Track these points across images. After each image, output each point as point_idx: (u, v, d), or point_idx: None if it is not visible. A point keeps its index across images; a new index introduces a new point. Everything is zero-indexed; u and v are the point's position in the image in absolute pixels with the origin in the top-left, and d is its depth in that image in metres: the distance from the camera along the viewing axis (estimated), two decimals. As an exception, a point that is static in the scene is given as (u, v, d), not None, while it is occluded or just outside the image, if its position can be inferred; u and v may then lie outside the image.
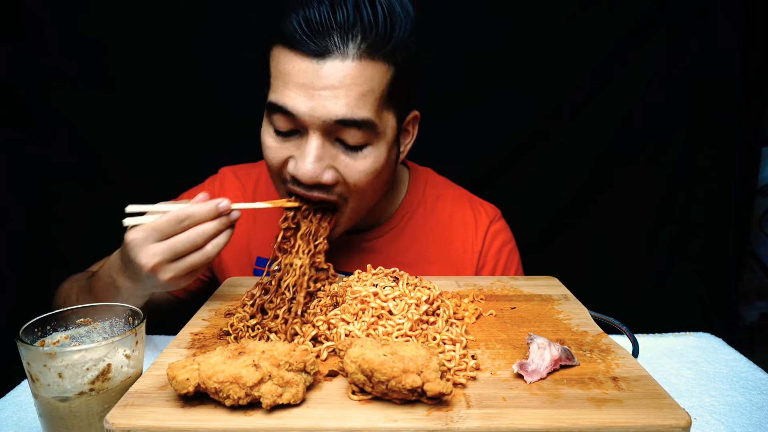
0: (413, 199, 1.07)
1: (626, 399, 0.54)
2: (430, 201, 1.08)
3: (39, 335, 0.62)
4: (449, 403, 0.54)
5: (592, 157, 1.52)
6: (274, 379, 0.53)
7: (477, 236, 1.06)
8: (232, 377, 0.51)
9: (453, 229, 1.07)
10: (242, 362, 0.53)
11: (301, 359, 0.55)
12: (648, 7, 1.40)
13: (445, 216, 1.08)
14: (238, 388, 0.52)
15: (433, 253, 1.05)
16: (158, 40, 1.35)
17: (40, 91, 1.34)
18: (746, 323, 2.44)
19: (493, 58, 1.38)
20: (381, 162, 0.85)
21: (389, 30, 0.79)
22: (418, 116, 0.96)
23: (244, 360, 0.54)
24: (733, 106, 1.50)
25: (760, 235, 2.30)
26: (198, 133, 1.41)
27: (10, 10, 1.28)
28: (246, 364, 0.53)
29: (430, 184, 1.10)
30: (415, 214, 1.07)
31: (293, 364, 0.54)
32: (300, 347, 0.57)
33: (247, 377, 0.52)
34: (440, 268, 1.05)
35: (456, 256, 1.06)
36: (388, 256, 1.04)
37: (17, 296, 1.34)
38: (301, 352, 0.56)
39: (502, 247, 1.09)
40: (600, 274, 1.59)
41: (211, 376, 0.52)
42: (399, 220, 1.05)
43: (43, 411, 0.58)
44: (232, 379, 0.51)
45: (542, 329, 0.72)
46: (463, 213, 1.08)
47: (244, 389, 0.52)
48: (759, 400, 0.79)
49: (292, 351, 0.55)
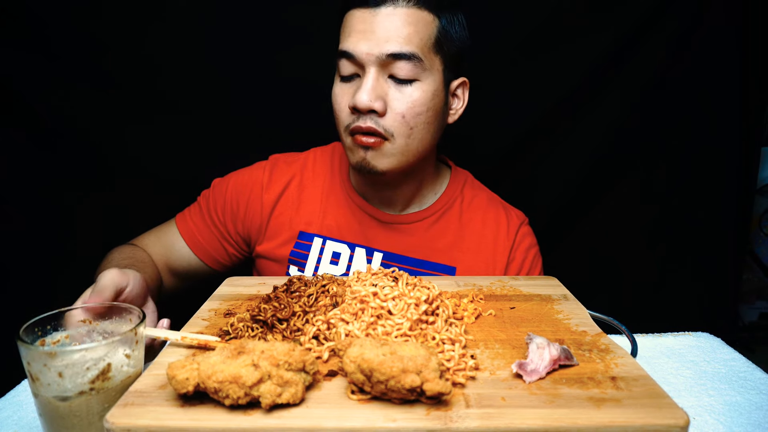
0: (452, 193, 1.15)
1: (625, 399, 0.54)
2: (467, 197, 1.17)
3: (39, 335, 0.63)
4: (448, 403, 0.54)
5: (591, 157, 1.52)
6: (274, 378, 0.53)
7: (509, 234, 1.14)
8: (231, 377, 0.52)
9: (487, 224, 1.14)
10: (241, 362, 0.53)
11: (301, 359, 0.55)
12: (648, 7, 1.40)
13: (479, 212, 1.15)
14: (237, 387, 0.52)
15: (466, 243, 1.13)
16: (162, 41, 1.35)
17: (43, 91, 1.34)
18: (746, 323, 2.45)
19: (492, 58, 1.38)
20: (427, 98, 0.97)
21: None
22: (467, 83, 1.07)
23: (244, 360, 0.54)
24: (733, 106, 1.50)
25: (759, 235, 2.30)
26: (202, 133, 1.41)
27: (12, 11, 1.28)
28: (245, 364, 0.53)
29: (468, 183, 1.19)
30: (453, 206, 1.15)
31: (293, 364, 0.54)
32: (299, 348, 0.57)
33: (246, 377, 0.52)
34: (471, 258, 1.11)
35: (488, 249, 1.13)
36: (423, 240, 1.11)
37: (17, 296, 1.34)
38: (300, 352, 0.56)
39: (530, 248, 1.16)
40: (599, 274, 1.59)
41: (211, 376, 0.52)
42: (437, 209, 1.13)
43: (43, 410, 0.58)
44: (231, 379, 0.52)
45: (541, 329, 0.72)
46: (496, 212, 1.16)
47: (243, 389, 0.52)
48: (758, 400, 0.79)
49: (291, 351, 0.56)
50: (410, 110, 0.96)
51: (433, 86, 0.97)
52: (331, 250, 1.10)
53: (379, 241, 1.11)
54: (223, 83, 1.39)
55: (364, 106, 0.93)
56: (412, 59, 0.93)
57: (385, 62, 0.93)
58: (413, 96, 0.95)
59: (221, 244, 1.16)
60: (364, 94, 0.93)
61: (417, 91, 0.96)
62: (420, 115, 0.97)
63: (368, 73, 0.94)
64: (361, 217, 1.12)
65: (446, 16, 0.98)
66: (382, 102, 0.94)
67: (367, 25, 0.93)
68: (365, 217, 1.11)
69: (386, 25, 0.92)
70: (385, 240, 1.11)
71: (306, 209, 1.13)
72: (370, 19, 0.93)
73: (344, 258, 1.10)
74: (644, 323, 1.05)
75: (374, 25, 0.93)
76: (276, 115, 1.42)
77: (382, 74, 0.95)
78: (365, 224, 1.11)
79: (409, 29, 0.93)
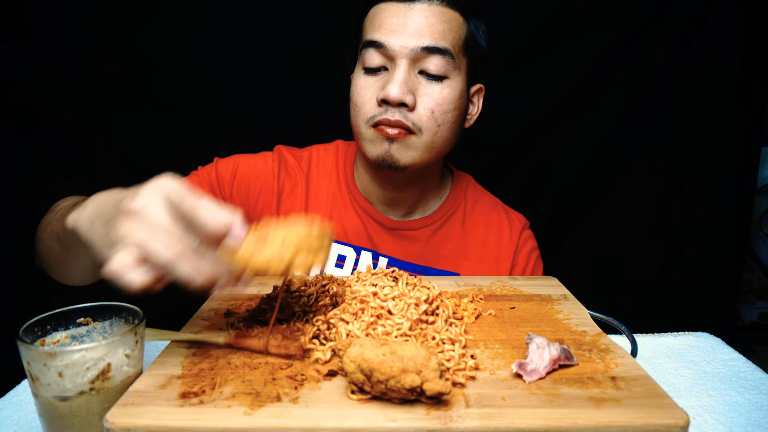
0: (455, 199, 1.15)
1: (625, 398, 0.54)
2: (470, 203, 1.16)
3: (39, 335, 0.63)
4: (448, 403, 0.54)
5: (591, 157, 1.53)
6: (303, 251, 0.60)
7: (512, 237, 1.14)
8: (272, 257, 0.58)
9: (489, 229, 1.14)
10: (275, 244, 0.59)
11: (321, 234, 0.61)
12: (648, 7, 1.40)
13: (482, 217, 1.15)
14: (278, 263, 0.58)
15: (470, 249, 1.12)
16: (159, 39, 1.35)
17: (40, 90, 1.34)
18: (746, 323, 2.45)
19: (492, 58, 1.37)
20: (455, 96, 0.97)
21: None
22: (483, 89, 1.08)
23: (274, 242, 0.59)
24: (733, 106, 1.50)
25: (759, 235, 2.30)
26: (199, 132, 1.41)
27: (10, 10, 1.28)
28: (278, 244, 0.59)
29: (471, 188, 1.19)
30: (456, 212, 1.14)
31: (315, 238, 0.61)
32: (315, 227, 0.62)
33: (283, 254, 0.58)
34: (475, 263, 1.11)
35: (491, 254, 1.12)
36: (427, 247, 1.11)
37: (17, 296, 1.34)
38: (318, 229, 0.61)
39: (531, 251, 1.16)
40: (600, 274, 1.59)
41: (252, 258, 0.58)
42: (441, 215, 1.13)
43: (43, 410, 0.58)
44: (272, 258, 0.58)
45: (541, 329, 0.72)
46: (498, 217, 1.16)
47: (283, 263, 0.58)
48: (758, 400, 0.79)
49: (309, 232, 0.61)
50: (440, 107, 0.95)
51: (460, 86, 0.98)
52: (336, 253, 1.09)
53: (385, 246, 1.10)
54: (222, 82, 1.40)
55: (396, 98, 0.92)
56: (446, 55, 0.93)
57: (418, 56, 0.93)
58: (443, 93, 0.95)
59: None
60: (396, 87, 0.92)
61: (446, 88, 0.95)
62: (448, 113, 0.97)
63: (399, 66, 0.93)
64: (366, 221, 1.10)
65: (473, 21, 0.99)
66: (412, 96, 0.94)
67: (401, 18, 0.93)
68: (370, 221, 1.10)
69: (420, 20, 0.92)
70: (390, 245, 1.10)
71: (312, 209, 1.11)
72: (404, 12, 0.93)
73: (350, 261, 1.09)
74: (644, 323, 1.05)
75: (408, 19, 0.92)
76: (275, 113, 1.42)
77: (413, 69, 0.95)
78: (371, 228, 1.10)
79: (443, 26, 0.93)
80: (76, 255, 0.78)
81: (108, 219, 0.62)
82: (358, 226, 1.10)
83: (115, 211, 0.60)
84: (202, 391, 0.56)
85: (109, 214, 0.63)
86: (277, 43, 1.38)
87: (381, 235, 1.10)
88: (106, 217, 0.63)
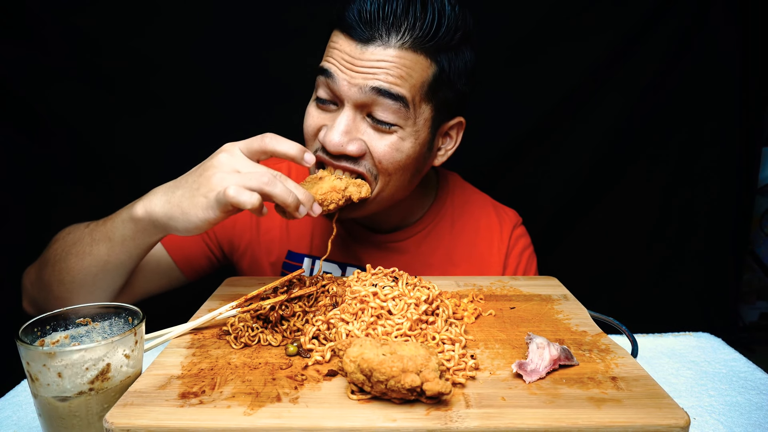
0: (442, 203, 1.10)
1: (625, 399, 0.54)
2: (457, 205, 1.12)
3: (39, 335, 0.63)
4: (448, 403, 0.54)
5: (592, 157, 1.52)
6: (352, 184, 0.86)
7: (502, 239, 1.10)
8: (330, 188, 0.83)
9: (479, 233, 1.10)
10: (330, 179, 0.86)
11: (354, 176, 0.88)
12: (648, 8, 1.40)
13: (471, 220, 1.11)
14: (336, 193, 0.83)
15: (459, 255, 1.08)
16: (158, 39, 1.35)
17: (40, 90, 1.34)
18: (746, 323, 2.45)
19: (492, 58, 1.38)
20: (407, 147, 0.88)
21: (434, 30, 0.84)
22: (464, 123, 0.98)
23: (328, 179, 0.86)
24: (733, 106, 1.50)
25: (760, 235, 2.30)
26: (198, 133, 1.41)
27: (10, 10, 1.29)
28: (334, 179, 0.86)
29: (458, 187, 1.14)
30: (444, 217, 1.10)
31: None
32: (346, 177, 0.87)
33: (339, 185, 0.84)
34: (466, 269, 1.08)
35: (482, 258, 1.09)
36: (416, 257, 1.07)
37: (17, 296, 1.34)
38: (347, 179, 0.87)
39: (524, 250, 1.12)
40: (600, 274, 1.59)
41: (316, 192, 0.83)
42: (428, 222, 1.08)
43: (43, 411, 0.58)
44: (330, 189, 0.83)
45: (541, 329, 0.72)
46: (488, 218, 1.12)
47: (340, 193, 0.84)
48: (758, 400, 0.79)
49: (341, 185, 0.85)
50: (389, 156, 0.87)
51: (415, 136, 0.88)
52: (321, 271, 1.06)
53: (371, 261, 1.00)
54: (222, 83, 1.40)
55: (335, 148, 0.85)
56: (398, 101, 0.84)
57: (367, 100, 0.84)
58: (392, 141, 0.86)
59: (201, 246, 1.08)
60: (336, 135, 0.84)
61: (396, 137, 0.86)
62: (399, 162, 0.88)
63: (344, 110, 0.85)
64: (350, 238, 1.07)
65: (447, 57, 0.87)
66: (358, 144, 0.86)
67: (353, 56, 0.84)
68: (355, 238, 1.07)
69: (372, 63, 0.83)
70: (376, 259, 1.05)
71: (295, 229, 1.08)
72: (356, 52, 0.84)
73: None
74: (644, 323, 1.05)
75: (359, 60, 0.84)
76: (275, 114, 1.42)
77: (360, 113, 0.86)
78: (355, 244, 1.07)
79: (398, 71, 0.83)
80: (138, 246, 0.86)
81: (189, 184, 0.76)
82: (342, 243, 1.06)
83: (196, 175, 0.76)
84: (202, 391, 0.56)
85: (187, 181, 0.77)
86: (277, 43, 1.38)
87: (367, 250, 1.06)
88: (186, 186, 0.77)
